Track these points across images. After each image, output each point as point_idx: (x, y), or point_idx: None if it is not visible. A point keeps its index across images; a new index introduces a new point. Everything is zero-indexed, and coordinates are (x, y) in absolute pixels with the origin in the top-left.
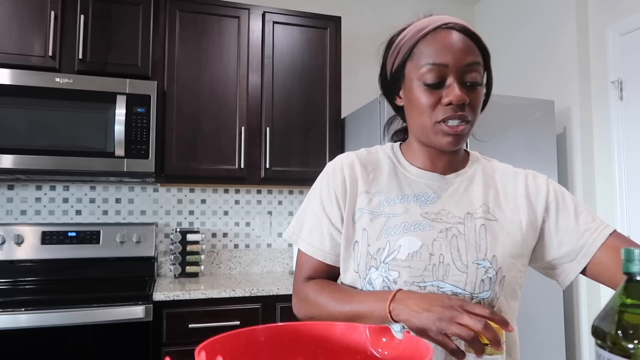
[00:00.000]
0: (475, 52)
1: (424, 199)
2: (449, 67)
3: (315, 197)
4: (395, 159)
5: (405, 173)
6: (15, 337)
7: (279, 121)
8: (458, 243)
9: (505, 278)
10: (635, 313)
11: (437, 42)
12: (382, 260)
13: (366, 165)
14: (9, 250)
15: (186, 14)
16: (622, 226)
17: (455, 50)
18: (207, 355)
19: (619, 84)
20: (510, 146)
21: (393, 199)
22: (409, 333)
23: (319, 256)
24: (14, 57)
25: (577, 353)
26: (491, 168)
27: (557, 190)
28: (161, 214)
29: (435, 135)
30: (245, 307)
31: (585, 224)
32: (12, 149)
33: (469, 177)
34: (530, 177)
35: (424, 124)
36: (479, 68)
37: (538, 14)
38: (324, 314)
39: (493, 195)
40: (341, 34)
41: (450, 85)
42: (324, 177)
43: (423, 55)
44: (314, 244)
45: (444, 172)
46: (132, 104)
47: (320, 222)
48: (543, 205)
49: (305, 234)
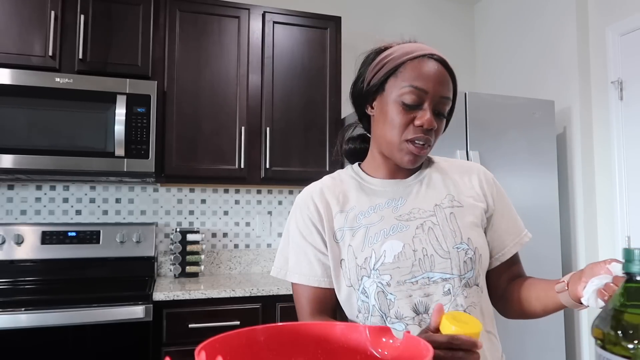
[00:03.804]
0: (450, 88)
1: (394, 204)
2: (428, 94)
3: (293, 230)
4: (358, 177)
5: (370, 186)
6: (15, 337)
7: (279, 121)
8: (435, 233)
9: (482, 256)
10: (635, 313)
11: (423, 68)
12: (372, 268)
13: (333, 189)
14: (9, 250)
15: (186, 14)
16: (622, 226)
17: (436, 81)
18: (207, 355)
19: (619, 84)
20: (510, 146)
21: (367, 211)
22: (409, 333)
23: (314, 282)
24: (14, 57)
25: (577, 353)
26: (443, 164)
27: (500, 191)
28: (161, 214)
29: (399, 152)
30: (245, 307)
31: (508, 227)
32: (12, 149)
33: (427, 176)
34: (482, 173)
35: (392, 139)
36: (449, 103)
37: (538, 14)
38: None
39: (453, 185)
40: (341, 34)
41: (425, 110)
42: (296, 210)
43: (407, 76)
44: (305, 273)
45: (404, 177)
46: (132, 104)
47: (305, 251)
48: (492, 201)
49: (293, 266)
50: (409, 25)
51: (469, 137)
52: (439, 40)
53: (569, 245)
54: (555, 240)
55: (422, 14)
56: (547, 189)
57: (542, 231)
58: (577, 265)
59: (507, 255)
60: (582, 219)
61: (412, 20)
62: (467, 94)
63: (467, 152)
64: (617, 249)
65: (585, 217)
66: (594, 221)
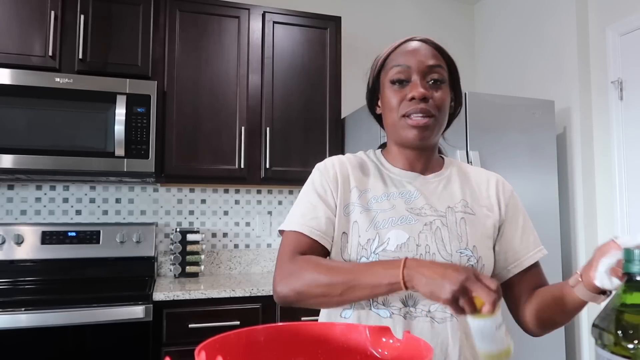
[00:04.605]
0: (437, 57)
1: (408, 196)
2: (411, 68)
3: (309, 190)
4: (378, 161)
5: (389, 173)
6: (15, 337)
7: (279, 121)
8: (442, 234)
9: (485, 266)
10: (635, 313)
11: (404, 49)
12: (372, 251)
13: (354, 165)
14: (9, 250)
15: (186, 14)
16: (622, 226)
17: (418, 54)
18: (207, 355)
19: (619, 84)
20: (510, 146)
21: (380, 197)
22: (408, 333)
23: (316, 236)
24: (14, 57)
25: (577, 353)
26: (466, 169)
27: (517, 203)
28: (161, 214)
29: (402, 130)
30: (245, 307)
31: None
32: (12, 149)
33: (446, 177)
34: (500, 183)
35: (393, 120)
36: (441, 70)
37: (538, 14)
38: (321, 285)
39: (469, 192)
40: (341, 34)
41: (414, 82)
42: (316, 172)
43: (391, 62)
44: (310, 225)
45: (423, 172)
46: (132, 104)
47: (315, 207)
48: (504, 210)
49: (298, 218)
50: (408, 25)
51: (469, 137)
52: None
53: (569, 245)
54: (555, 240)
55: (422, 14)
56: (547, 189)
57: (542, 231)
58: (578, 265)
59: (519, 267)
60: (582, 219)
61: (412, 20)
62: (467, 94)
63: (467, 152)
64: None
65: (585, 217)
66: (594, 221)
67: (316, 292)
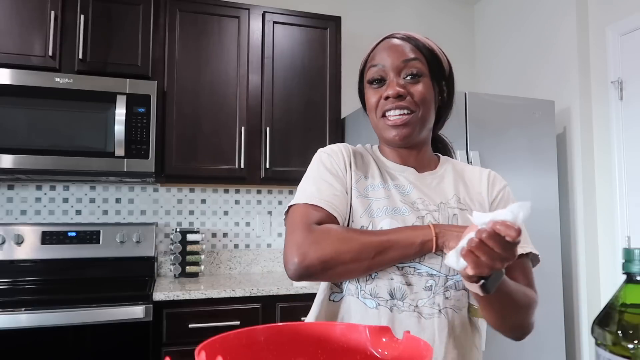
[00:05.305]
0: (414, 50)
1: (402, 189)
2: (386, 67)
3: (320, 169)
4: (374, 155)
5: (385, 167)
6: (15, 337)
7: (279, 121)
8: None
9: None
10: (635, 313)
11: (381, 47)
12: None
13: (355, 153)
14: (9, 250)
15: (186, 14)
16: (622, 226)
17: (392, 50)
18: (207, 355)
19: (619, 84)
20: (510, 146)
21: (377, 185)
22: (408, 333)
23: (332, 211)
24: (14, 57)
25: (577, 353)
26: (460, 167)
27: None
28: (161, 214)
29: (383, 131)
30: (245, 307)
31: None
32: (12, 149)
33: (440, 175)
34: (491, 177)
35: (374, 120)
36: (416, 63)
37: (538, 14)
38: (352, 250)
39: (463, 187)
40: (341, 34)
41: (390, 81)
42: (323, 155)
43: (370, 61)
44: (327, 199)
45: (417, 168)
46: (132, 104)
47: (330, 184)
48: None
49: (313, 193)
50: (408, 25)
51: (469, 137)
52: (439, 40)
53: (568, 245)
54: (555, 240)
55: (422, 14)
56: (547, 189)
57: (541, 231)
58: (577, 265)
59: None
60: (582, 219)
61: (412, 20)
62: (467, 94)
63: (467, 152)
64: (617, 249)
65: (585, 216)
66: (594, 221)
67: (346, 258)
